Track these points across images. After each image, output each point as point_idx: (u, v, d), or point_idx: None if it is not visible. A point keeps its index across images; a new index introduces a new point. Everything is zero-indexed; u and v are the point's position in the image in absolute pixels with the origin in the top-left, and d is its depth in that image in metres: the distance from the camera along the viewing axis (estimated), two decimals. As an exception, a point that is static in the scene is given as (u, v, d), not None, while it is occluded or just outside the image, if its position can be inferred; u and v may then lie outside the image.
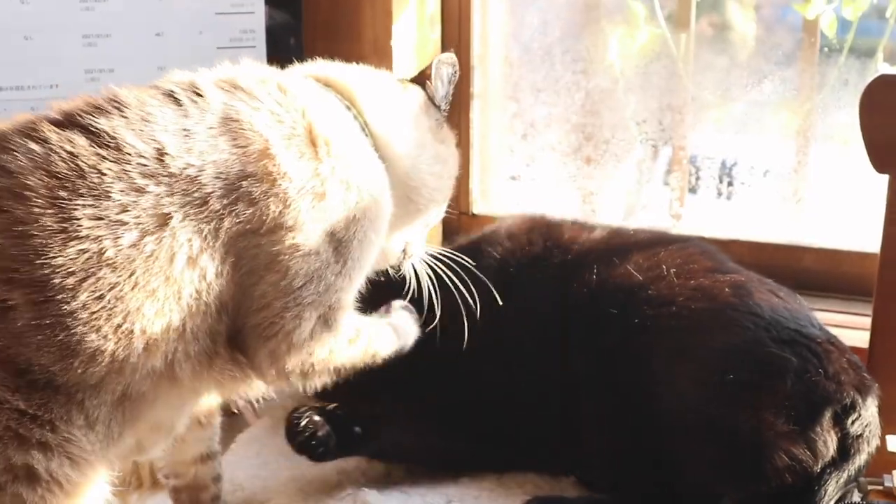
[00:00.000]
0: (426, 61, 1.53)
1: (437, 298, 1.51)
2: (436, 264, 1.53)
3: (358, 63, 1.50)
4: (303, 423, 1.56)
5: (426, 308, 1.52)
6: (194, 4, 1.95)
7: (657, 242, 1.66)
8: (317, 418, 1.57)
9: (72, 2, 1.87)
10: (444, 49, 2.22)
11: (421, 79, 1.51)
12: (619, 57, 2.19)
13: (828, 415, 1.38)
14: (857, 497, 1.43)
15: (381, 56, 2.04)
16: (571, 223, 1.76)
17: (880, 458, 1.45)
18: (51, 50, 1.88)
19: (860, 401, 1.40)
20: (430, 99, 1.50)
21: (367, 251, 1.34)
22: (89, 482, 1.16)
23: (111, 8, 1.89)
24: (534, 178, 2.33)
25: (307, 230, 1.24)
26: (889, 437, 1.47)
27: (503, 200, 2.32)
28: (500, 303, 1.58)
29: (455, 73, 1.52)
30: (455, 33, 2.22)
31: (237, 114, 1.24)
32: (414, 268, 1.52)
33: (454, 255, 1.55)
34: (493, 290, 1.58)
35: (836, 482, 1.39)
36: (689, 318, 1.49)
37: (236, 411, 1.78)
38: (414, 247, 1.52)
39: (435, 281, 1.52)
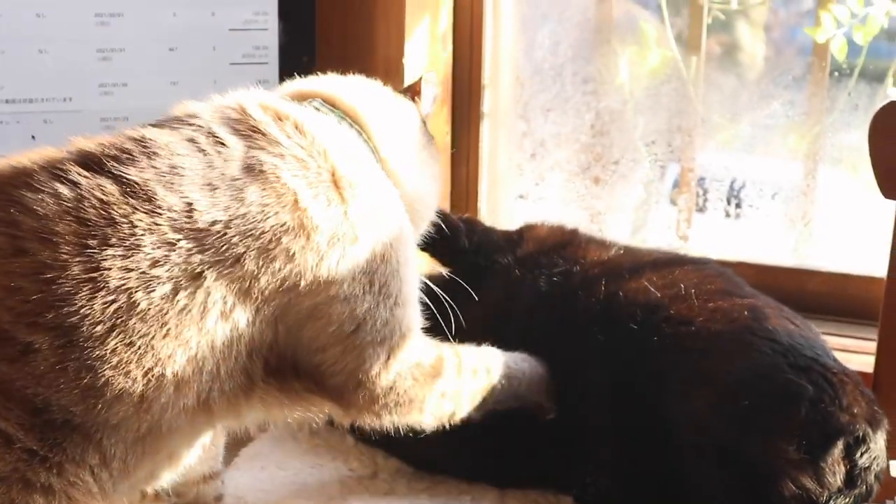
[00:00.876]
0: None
1: (445, 300, 1.49)
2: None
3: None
4: None
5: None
6: (208, 21, 1.96)
7: (672, 263, 1.66)
8: None
9: (87, 16, 1.89)
10: (455, 68, 2.23)
11: (410, 93, 1.52)
12: (629, 78, 2.20)
13: (839, 446, 1.37)
14: (860, 523, 1.42)
15: (392, 73, 2.05)
16: (591, 240, 1.75)
17: (884, 483, 1.45)
18: (65, 63, 1.88)
19: (871, 434, 1.39)
20: (420, 115, 1.51)
21: (412, 272, 1.34)
22: None
23: (126, 23, 1.90)
24: (542, 197, 2.33)
25: (343, 278, 1.22)
26: (893, 462, 1.46)
27: (511, 219, 2.32)
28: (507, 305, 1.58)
29: (438, 94, 1.53)
30: (467, 52, 2.23)
31: (261, 164, 1.20)
32: None
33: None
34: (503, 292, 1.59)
35: (841, 510, 1.39)
36: (707, 339, 1.48)
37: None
38: None
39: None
